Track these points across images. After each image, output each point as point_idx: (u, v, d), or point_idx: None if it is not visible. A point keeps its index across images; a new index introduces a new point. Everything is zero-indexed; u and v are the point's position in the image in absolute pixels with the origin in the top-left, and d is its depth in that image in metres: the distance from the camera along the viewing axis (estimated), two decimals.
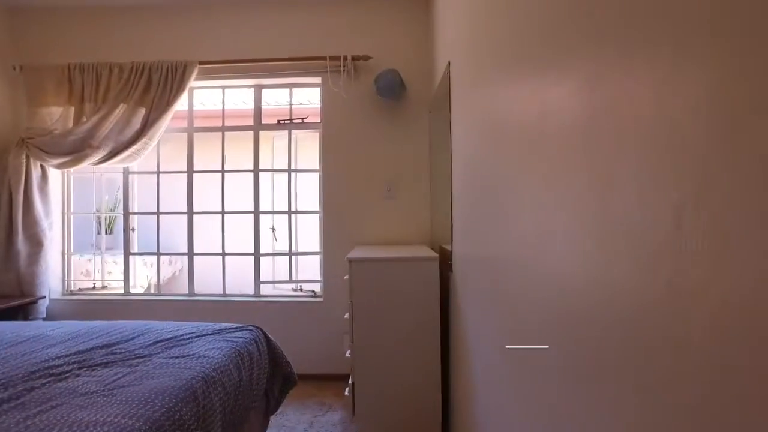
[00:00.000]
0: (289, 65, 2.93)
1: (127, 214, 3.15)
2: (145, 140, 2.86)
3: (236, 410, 1.64)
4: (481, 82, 1.43)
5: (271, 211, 3.32)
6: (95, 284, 3.22)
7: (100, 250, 3.28)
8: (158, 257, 3.22)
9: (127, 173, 3.14)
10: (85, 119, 2.84)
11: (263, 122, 3.14)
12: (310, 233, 3.32)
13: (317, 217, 3.09)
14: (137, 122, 2.86)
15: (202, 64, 2.87)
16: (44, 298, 2.86)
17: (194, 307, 3.01)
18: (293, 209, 3.12)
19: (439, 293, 2.13)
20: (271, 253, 3.33)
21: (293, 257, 3.09)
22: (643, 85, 0.50)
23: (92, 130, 2.79)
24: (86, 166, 2.91)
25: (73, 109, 2.89)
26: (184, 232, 3.12)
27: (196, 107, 3.22)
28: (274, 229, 3.45)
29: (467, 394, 1.69)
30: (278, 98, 3.82)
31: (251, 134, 3.12)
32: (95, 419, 1.07)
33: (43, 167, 2.91)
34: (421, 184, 2.90)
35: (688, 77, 0.42)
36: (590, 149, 0.63)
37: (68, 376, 1.37)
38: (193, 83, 2.92)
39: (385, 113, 2.91)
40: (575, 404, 0.69)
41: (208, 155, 3.31)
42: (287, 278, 3.10)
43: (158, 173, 3.14)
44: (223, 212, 3.12)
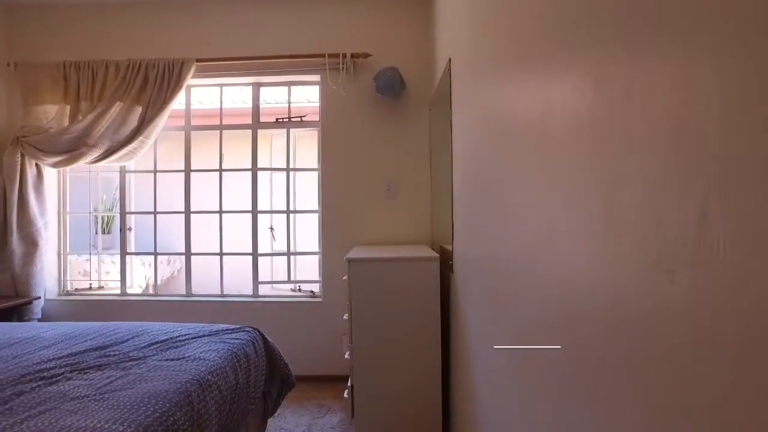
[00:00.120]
0: (287, 63, 2.89)
1: (123, 213, 3.12)
2: (141, 139, 2.83)
3: (233, 414, 1.61)
4: (483, 78, 1.40)
5: (269, 210, 3.29)
6: (91, 284, 3.18)
7: (97, 249, 3.24)
8: (155, 257, 3.18)
9: (123, 172, 3.10)
10: (80, 117, 2.81)
11: (261, 121, 3.11)
12: (308, 233, 3.28)
13: (316, 216, 3.05)
14: (134, 121, 2.83)
15: (199, 61, 2.84)
16: (39, 298, 2.82)
17: (192, 307, 2.98)
18: (292, 209, 3.09)
19: (439, 294, 2.10)
20: (269, 253, 3.30)
21: (292, 257, 3.06)
22: (651, 82, 0.49)
23: (88, 128, 2.76)
24: (82, 165, 2.88)
25: (68, 107, 2.86)
26: (182, 231, 3.08)
27: (194, 106, 3.19)
28: (272, 228, 3.42)
29: (468, 396, 1.65)
30: (276, 96, 3.78)
31: (249, 133, 3.08)
32: (84, 425, 1.04)
33: (38, 166, 2.87)
34: (421, 183, 2.86)
35: (697, 74, 0.41)
36: (596, 148, 0.62)
37: (59, 379, 1.33)
38: (190, 81, 2.88)
39: (384, 111, 2.88)
40: (578, 405, 0.68)
41: (206, 154, 3.28)
42: (286, 278, 3.07)
43: (155, 172, 3.11)
44: (220, 212, 3.09)
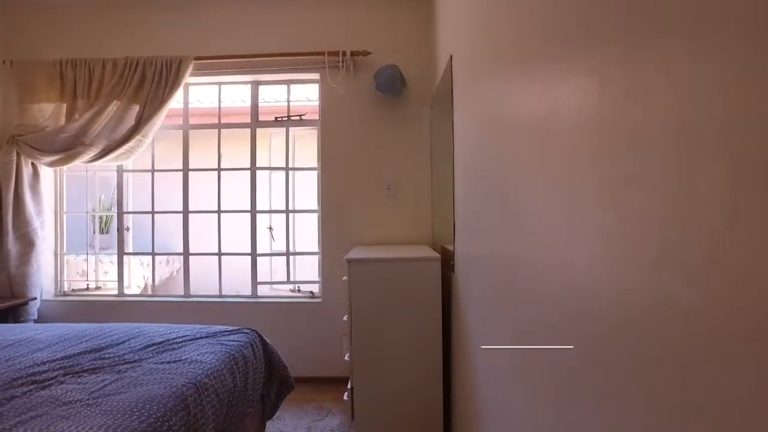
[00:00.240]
0: (286, 61, 2.86)
1: (121, 213, 3.08)
2: (139, 138, 2.79)
3: (230, 417, 1.57)
4: (485, 76, 1.37)
5: (268, 210, 3.26)
6: (89, 285, 3.15)
7: (94, 249, 3.21)
8: (153, 257, 3.15)
9: (121, 171, 3.07)
10: (77, 116, 2.77)
11: (260, 119, 3.07)
12: (308, 233, 3.25)
13: (316, 216, 3.02)
14: (131, 119, 2.79)
15: (197, 59, 2.80)
16: (35, 299, 2.79)
17: (190, 308, 2.95)
18: (291, 208, 3.06)
19: (441, 295, 2.06)
20: (268, 253, 3.27)
21: (291, 257, 3.03)
22: (654, 81, 0.49)
23: (85, 127, 2.72)
24: (79, 164, 2.85)
25: (65, 105, 2.82)
26: (180, 231, 3.05)
27: (193, 105, 3.16)
28: (271, 228, 3.39)
29: (470, 399, 1.62)
30: (276, 95, 3.74)
31: (248, 132, 3.05)
32: None
33: (34, 165, 2.84)
34: (421, 182, 2.83)
35: (701, 74, 0.41)
36: (600, 147, 0.62)
37: (52, 383, 1.30)
38: (188, 79, 2.85)
39: (385, 110, 2.84)
40: (582, 405, 0.67)
41: (204, 154, 3.24)
42: (285, 279, 3.03)
43: (153, 171, 3.07)
44: (219, 211, 3.05)
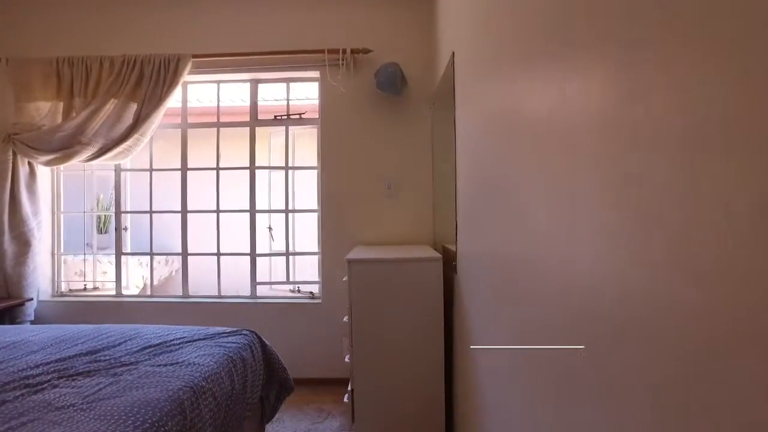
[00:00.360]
0: (286, 59, 2.83)
1: (118, 212, 3.05)
2: (137, 136, 2.76)
3: (228, 421, 1.54)
4: (488, 73, 1.34)
5: (267, 209, 3.22)
6: (86, 285, 3.12)
7: (92, 249, 3.17)
8: (151, 257, 3.12)
9: (119, 171, 3.03)
10: (74, 114, 2.74)
11: (259, 118, 3.04)
12: (308, 233, 3.22)
13: (315, 215, 2.99)
14: (129, 118, 2.76)
15: (195, 57, 2.77)
16: (31, 300, 2.75)
17: (188, 308, 2.92)
18: (291, 208, 3.03)
19: (442, 295, 2.03)
20: (267, 253, 3.24)
21: (291, 257, 2.99)
22: (658, 81, 0.49)
23: (82, 125, 2.69)
24: (76, 163, 2.81)
25: (61, 104, 2.79)
26: (179, 231, 3.02)
27: (192, 104, 3.13)
28: (271, 228, 3.36)
29: (473, 403, 1.59)
30: (275, 94, 3.71)
31: (247, 131, 3.01)
32: None
33: (31, 164, 2.81)
34: (423, 181, 2.80)
35: (703, 74, 0.42)
36: (605, 146, 0.61)
37: (45, 387, 1.27)
38: (186, 77, 2.81)
39: (385, 108, 2.81)
40: (590, 406, 0.67)
41: (203, 153, 3.21)
42: (284, 279, 3.00)
43: (151, 171, 3.04)
44: (218, 211, 3.02)
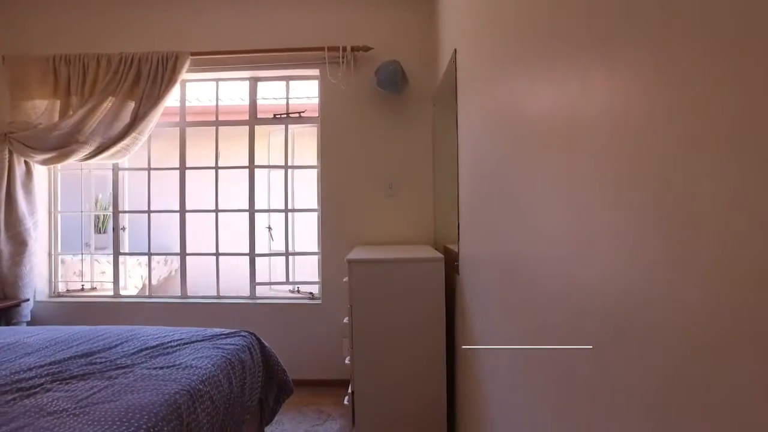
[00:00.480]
0: (285, 56, 2.80)
1: (116, 212, 3.02)
2: (134, 135, 2.73)
3: (226, 425, 1.51)
4: (491, 69, 1.31)
5: (267, 209, 3.19)
6: (83, 286, 3.08)
7: (90, 249, 3.14)
8: (149, 257, 3.08)
9: (116, 170, 3.00)
10: (71, 113, 2.70)
11: (259, 117, 3.01)
12: (308, 232, 3.19)
13: (315, 215, 2.96)
14: (126, 116, 2.73)
15: (194, 55, 2.74)
16: (28, 300, 2.72)
17: (187, 309, 2.88)
18: (290, 207, 3.00)
19: (444, 296, 2.00)
20: (267, 253, 3.21)
21: (290, 257, 2.96)
22: (661, 80, 0.48)
23: (79, 124, 2.65)
24: (73, 162, 2.78)
25: (58, 102, 2.76)
26: (178, 231, 2.98)
27: (191, 103, 3.09)
28: (270, 228, 3.33)
29: (476, 406, 1.56)
30: (274, 93, 3.68)
31: (246, 130, 2.98)
32: None
33: (27, 163, 2.77)
34: (424, 180, 2.77)
35: (706, 74, 0.41)
36: (609, 145, 0.61)
37: (38, 391, 1.23)
38: (185, 76, 2.78)
39: (386, 106, 2.78)
40: (588, 408, 0.66)
41: (201, 153, 3.18)
42: (284, 279, 2.97)
43: (149, 170, 3.00)
44: (216, 210, 2.99)
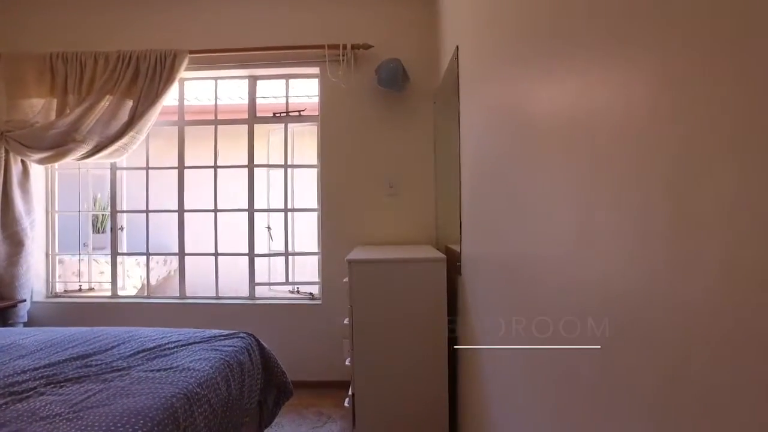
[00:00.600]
0: (285, 54, 2.77)
1: (114, 212, 2.99)
2: (132, 134, 2.70)
3: (225, 428, 1.48)
4: (494, 66, 1.28)
5: (266, 209, 3.16)
6: (81, 286, 3.05)
7: (87, 249, 3.11)
8: (147, 257, 3.05)
9: (114, 169, 2.97)
10: (68, 111, 2.67)
11: (258, 116, 2.98)
12: (307, 232, 3.16)
13: (315, 215, 2.93)
14: (124, 115, 2.70)
15: (192, 53, 2.71)
16: (24, 301, 2.69)
17: (185, 310, 2.86)
18: (290, 207, 2.97)
19: (446, 297, 1.97)
20: (266, 253, 3.18)
21: (290, 258, 2.93)
22: (663, 80, 0.47)
23: (76, 123, 2.62)
24: (71, 161, 2.75)
25: (55, 100, 2.73)
26: (176, 230, 2.95)
27: (189, 102, 3.06)
28: (269, 227, 3.30)
29: (478, 408, 1.53)
30: (274, 91, 3.65)
31: (245, 130, 2.95)
32: None
33: (24, 162, 2.75)
34: (425, 179, 2.74)
35: (708, 75, 0.40)
36: (613, 144, 0.59)
37: (31, 395, 1.21)
38: (183, 74, 2.75)
39: (386, 105, 2.75)
40: (601, 415, 0.65)
41: (200, 152, 3.15)
42: (284, 280, 2.94)
43: (147, 169, 2.98)
44: (215, 210, 2.96)
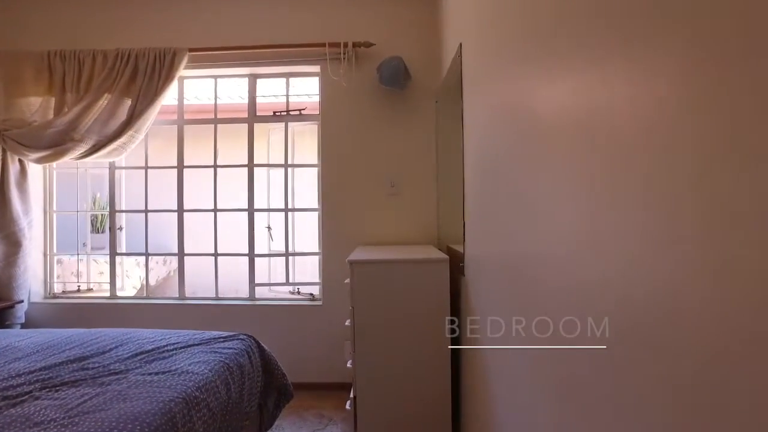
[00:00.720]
0: (285, 53, 2.74)
1: (113, 212, 2.96)
2: (131, 133, 2.67)
3: None
4: (498, 64, 1.26)
5: (266, 208, 3.13)
6: (80, 287, 3.03)
7: (86, 250, 3.08)
8: (146, 258, 3.03)
9: (113, 168, 2.94)
10: (66, 110, 2.64)
11: (258, 114, 2.95)
12: (308, 232, 3.13)
13: (316, 215, 2.90)
14: (123, 114, 2.67)
15: (192, 51, 2.68)
16: (22, 302, 2.66)
17: (184, 310, 2.83)
18: (290, 207, 2.94)
19: (449, 298, 1.94)
20: (266, 253, 3.15)
21: (290, 258, 2.90)
22: (668, 80, 0.46)
23: (74, 121, 2.60)
24: (69, 160, 2.72)
25: (53, 99, 2.70)
26: (176, 230, 2.93)
27: (189, 102, 3.03)
28: (269, 227, 3.27)
29: (482, 410, 1.50)
30: (274, 90, 3.62)
31: (245, 129, 2.92)
32: None
33: (21, 162, 2.72)
34: (426, 179, 2.71)
35: (712, 75, 0.40)
36: (619, 144, 0.59)
37: (26, 399, 1.18)
38: (183, 72, 2.73)
39: (388, 104, 2.72)
40: (605, 415, 0.64)
41: (200, 152, 3.12)
42: (284, 280, 2.91)
43: (146, 168, 2.95)
44: (215, 210, 2.93)
